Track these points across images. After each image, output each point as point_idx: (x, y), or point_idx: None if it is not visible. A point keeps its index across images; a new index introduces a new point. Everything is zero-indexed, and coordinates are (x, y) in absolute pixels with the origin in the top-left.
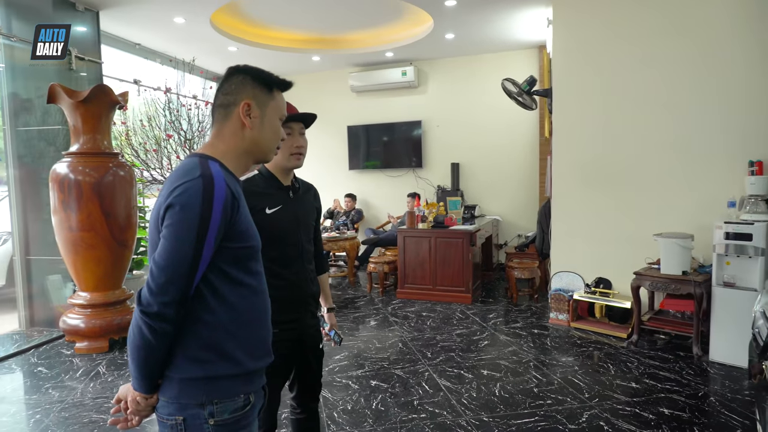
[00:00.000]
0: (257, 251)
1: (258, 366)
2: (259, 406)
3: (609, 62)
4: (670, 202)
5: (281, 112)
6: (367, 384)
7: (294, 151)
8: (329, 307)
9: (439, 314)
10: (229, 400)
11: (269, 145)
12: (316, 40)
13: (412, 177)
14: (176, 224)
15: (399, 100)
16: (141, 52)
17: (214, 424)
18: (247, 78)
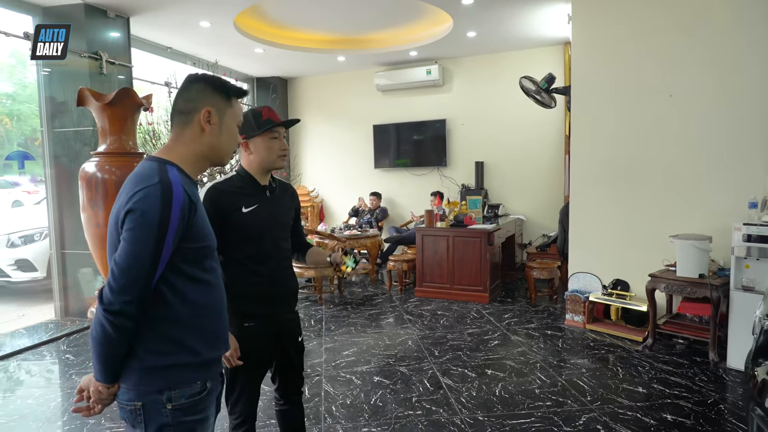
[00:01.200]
0: (213, 249)
1: (215, 355)
2: (217, 392)
3: (628, 59)
4: (690, 203)
5: (238, 119)
6: (370, 380)
7: (280, 153)
8: (329, 254)
9: (454, 313)
10: (186, 387)
11: (226, 150)
12: (341, 41)
13: (437, 175)
14: (136, 229)
15: (424, 98)
16: (172, 56)
17: (172, 408)
18: (207, 86)
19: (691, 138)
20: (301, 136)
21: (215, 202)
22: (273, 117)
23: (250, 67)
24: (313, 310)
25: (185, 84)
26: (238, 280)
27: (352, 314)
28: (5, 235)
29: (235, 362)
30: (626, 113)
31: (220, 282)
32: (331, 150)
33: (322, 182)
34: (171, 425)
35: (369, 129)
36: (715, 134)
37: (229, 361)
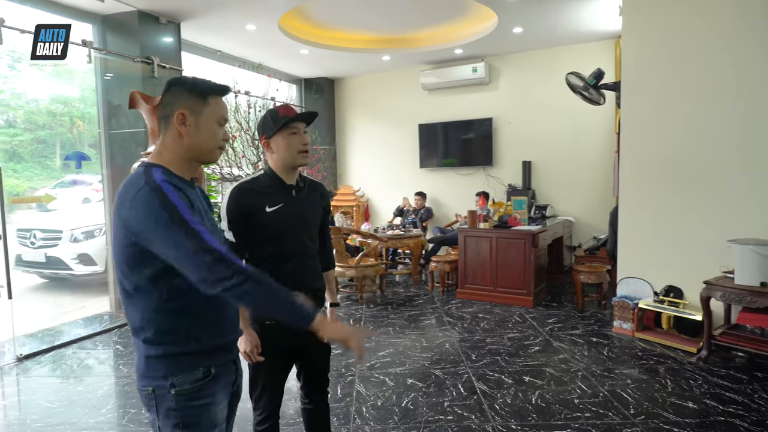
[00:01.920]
0: None
1: (218, 342)
2: (228, 378)
3: (683, 52)
4: (750, 205)
5: (218, 116)
6: (403, 382)
7: (301, 149)
8: (332, 302)
9: (496, 316)
10: (188, 373)
11: (207, 147)
12: (385, 40)
13: (483, 175)
14: (155, 224)
15: (470, 97)
16: (222, 59)
17: (176, 393)
18: (180, 89)
19: (751, 135)
20: (346, 136)
21: (239, 201)
22: (290, 114)
23: (297, 69)
24: (353, 309)
25: (164, 89)
26: None
27: (391, 314)
28: (70, 230)
29: (256, 358)
30: (679, 108)
31: None
32: (376, 149)
33: (367, 182)
34: (176, 409)
35: (414, 128)
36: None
37: (250, 356)
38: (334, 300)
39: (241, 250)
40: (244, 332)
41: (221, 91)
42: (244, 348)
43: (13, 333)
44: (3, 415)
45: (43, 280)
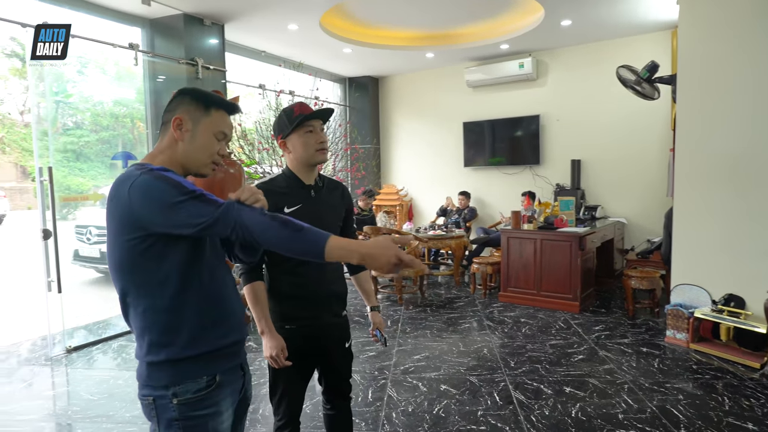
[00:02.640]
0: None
1: (222, 343)
2: (235, 385)
3: (747, 41)
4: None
5: (216, 129)
6: (436, 387)
7: (318, 147)
8: (372, 306)
9: (539, 321)
10: (191, 381)
11: (199, 158)
12: (429, 37)
13: (529, 174)
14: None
15: (516, 93)
16: (266, 59)
17: (178, 402)
18: (186, 97)
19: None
20: (390, 135)
21: None
22: (305, 111)
23: (340, 68)
24: (391, 311)
25: (172, 97)
26: (278, 281)
27: (430, 317)
28: None
29: (282, 362)
30: (743, 104)
31: (221, 274)
32: (420, 148)
33: (411, 181)
34: (179, 420)
35: (459, 126)
36: None
37: (276, 361)
38: (372, 303)
39: (263, 252)
40: (267, 336)
41: (227, 107)
42: (270, 352)
43: (63, 326)
44: (51, 405)
45: (99, 274)
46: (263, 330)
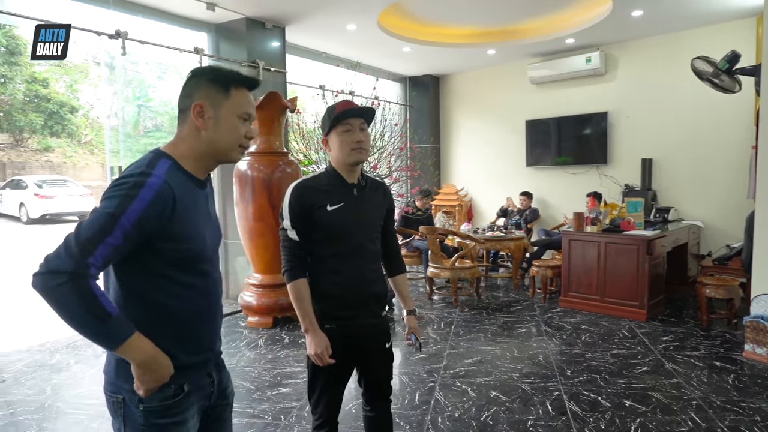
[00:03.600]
0: (201, 253)
1: (192, 361)
2: (202, 394)
3: None
4: None
5: (240, 110)
6: (486, 393)
7: (354, 146)
8: (408, 309)
9: (601, 329)
10: (158, 390)
11: (227, 145)
12: (490, 33)
13: (596, 174)
14: (99, 206)
15: (583, 90)
16: (328, 60)
17: (143, 409)
18: (201, 80)
19: None
20: (451, 134)
21: (301, 198)
22: (346, 107)
23: (401, 67)
24: (446, 312)
25: (185, 81)
26: (320, 279)
27: (485, 320)
28: None
29: (327, 360)
30: None
31: (211, 287)
32: (480, 147)
33: (471, 181)
34: (143, 425)
35: (521, 125)
36: None
37: (321, 358)
38: (408, 306)
39: (304, 249)
40: (311, 334)
41: (247, 83)
42: (315, 350)
43: None
44: None
45: None
46: (307, 328)
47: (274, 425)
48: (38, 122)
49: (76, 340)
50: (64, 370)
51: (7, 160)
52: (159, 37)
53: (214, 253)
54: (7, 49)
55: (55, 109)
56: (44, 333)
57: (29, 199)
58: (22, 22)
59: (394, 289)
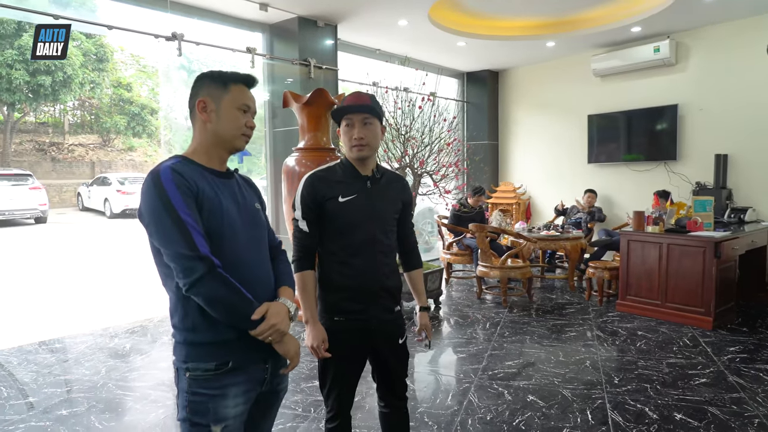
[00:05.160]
0: (230, 236)
1: (226, 337)
2: (253, 376)
3: None
4: None
5: (239, 102)
6: (523, 397)
7: (354, 143)
8: (421, 306)
9: (659, 336)
10: (202, 362)
11: (229, 133)
12: (549, 24)
13: (663, 171)
14: (151, 225)
15: (650, 81)
16: (382, 57)
17: (189, 377)
18: (204, 80)
19: None
20: (509, 130)
21: (313, 189)
22: (348, 103)
23: (457, 62)
24: (493, 313)
25: (192, 84)
26: (330, 271)
27: (533, 322)
28: None
29: (322, 354)
30: None
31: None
32: (540, 144)
33: (529, 178)
34: (187, 392)
35: (583, 119)
36: None
37: (316, 351)
38: (422, 303)
39: (314, 240)
40: (310, 325)
41: (244, 80)
42: (311, 342)
43: None
44: (162, 376)
45: None
46: (307, 319)
47: (302, 417)
48: (122, 124)
49: (134, 326)
50: (119, 354)
51: (95, 159)
52: (218, 38)
53: (254, 242)
54: (96, 57)
55: (137, 111)
56: (107, 318)
57: (112, 195)
58: (131, 36)
59: (409, 284)
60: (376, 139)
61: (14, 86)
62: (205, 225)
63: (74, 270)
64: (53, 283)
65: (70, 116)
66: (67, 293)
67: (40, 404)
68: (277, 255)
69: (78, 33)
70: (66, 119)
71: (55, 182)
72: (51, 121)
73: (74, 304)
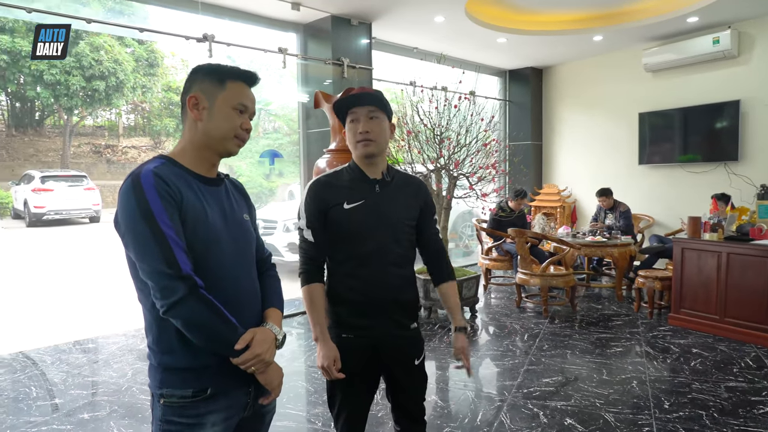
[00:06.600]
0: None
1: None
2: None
3: None
4: None
5: (235, 101)
6: (560, 421)
7: (359, 138)
8: (456, 326)
9: (717, 355)
10: (177, 388)
11: (221, 134)
12: (596, 17)
13: (723, 173)
14: (126, 222)
15: (708, 76)
16: (419, 55)
17: (163, 403)
18: (198, 74)
19: None
20: (554, 129)
21: (317, 196)
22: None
23: (498, 60)
24: (533, 323)
25: (186, 78)
26: (336, 283)
27: (576, 334)
28: (283, 221)
29: (334, 375)
30: None
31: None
32: (586, 144)
33: (575, 180)
34: (161, 420)
35: (633, 118)
36: None
37: (328, 372)
38: (457, 323)
39: (321, 250)
40: (320, 344)
41: (243, 77)
42: (321, 362)
43: None
44: None
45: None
46: (316, 337)
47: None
48: (171, 126)
49: None
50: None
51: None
52: (253, 40)
53: (240, 258)
54: (147, 62)
55: None
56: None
57: None
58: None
59: (441, 301)
60: (383, 135)
61: (72, 91)
62: (188, 238)
63: (120, 269)
64: (99, 282)
65: (124, 119)
66: (108, 292)
67: (64, 406)
68: (266, 269)
69: (130, 39)
70: (120, 122)
71: (110, 183)
72: (107, 125)
73: (112, 304)
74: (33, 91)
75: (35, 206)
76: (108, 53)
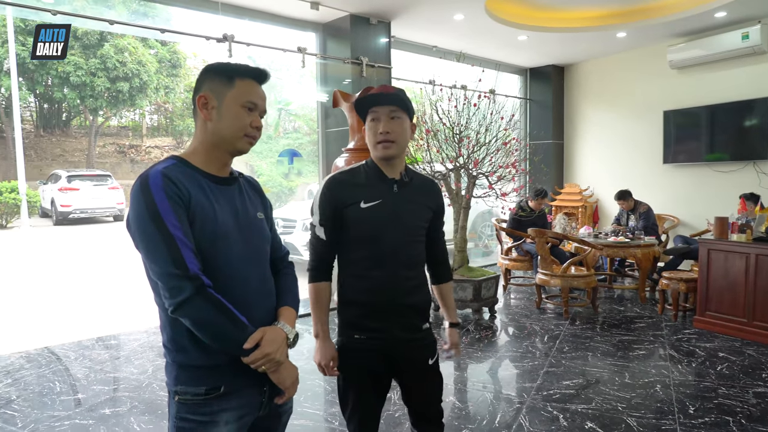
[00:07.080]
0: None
1: (218, 361)
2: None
3: None
4: None
5: (244, 99)
6: (580, 424)
7: (379, 138)
8: (451, 322)
9: (745, 359)
10: (190, 385)
11: (231, 133)
12: (620, 13)
13: (752, 172)
14: (136, 224)
15: (737, 72)
16: (439, 54)
17: (178, 400)
18: (207, 74)
19: None
20: (576, 128)
21: (332, 193)
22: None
23: (518, 58)
24: (553, 325)
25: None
26: (348, 284)
27: (597, 336)
28: (302, 220)
29: (330, 372)
30: None
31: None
32: (609, 143)
33: (597, 180)
34: (175, 417)
35: (658, 116)
36: None
37: (324, 370)
38: (452, 319)
39: (332, 249)
40: (320, 341)
41: (253, 74)
42: (318, 359)
43: None
44: None
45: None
46: (317, 333)
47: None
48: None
49: None
50: None
51: None
52: (272, 39)
53: (252, 257)
54: (170, 63)
55: None
56: None
57: None
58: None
59: (438, 299)
60: (404, 136)
61: (96, 93)
62: (197, 238)
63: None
64: (122, 279)
65: (147, 120)
66: (130, 289)
67: (87, 401)
68: (282, 268)
69: (154, 41)
70: (144, 123)
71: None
72: (131, 125)
73: (134, 301)
74: (60, 93)
75: (62, 205)
76: (132, 55)
